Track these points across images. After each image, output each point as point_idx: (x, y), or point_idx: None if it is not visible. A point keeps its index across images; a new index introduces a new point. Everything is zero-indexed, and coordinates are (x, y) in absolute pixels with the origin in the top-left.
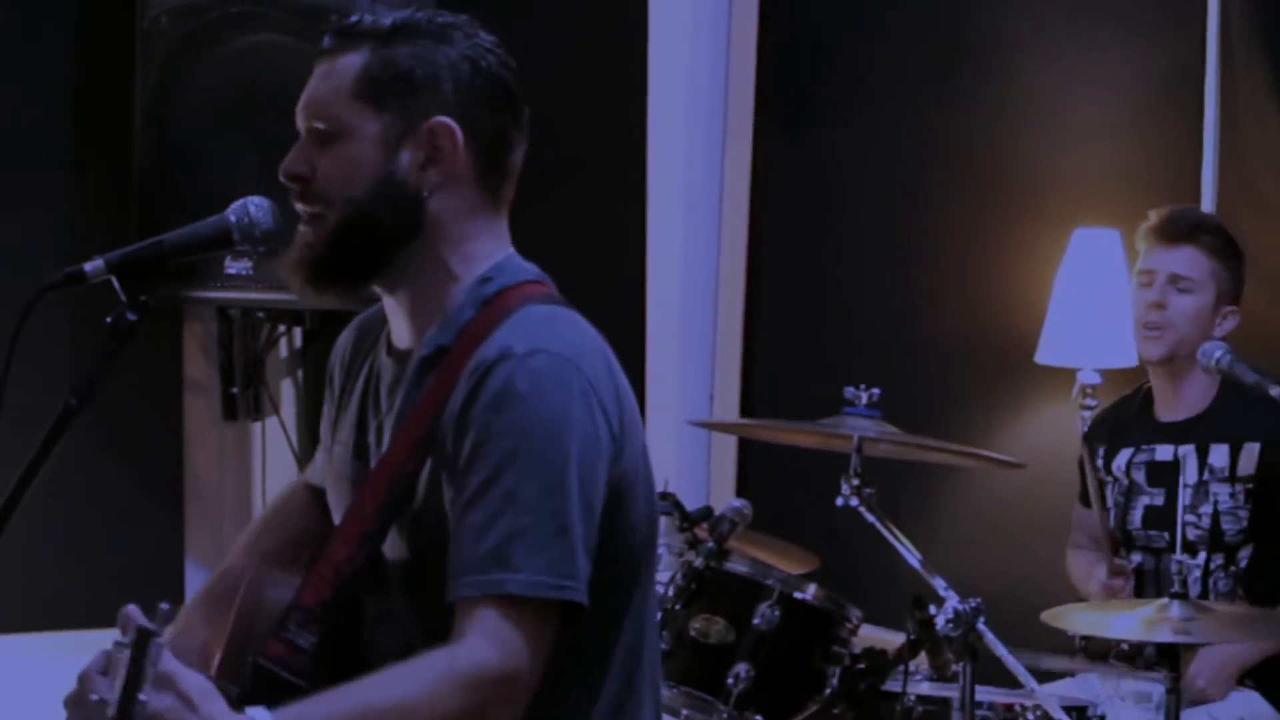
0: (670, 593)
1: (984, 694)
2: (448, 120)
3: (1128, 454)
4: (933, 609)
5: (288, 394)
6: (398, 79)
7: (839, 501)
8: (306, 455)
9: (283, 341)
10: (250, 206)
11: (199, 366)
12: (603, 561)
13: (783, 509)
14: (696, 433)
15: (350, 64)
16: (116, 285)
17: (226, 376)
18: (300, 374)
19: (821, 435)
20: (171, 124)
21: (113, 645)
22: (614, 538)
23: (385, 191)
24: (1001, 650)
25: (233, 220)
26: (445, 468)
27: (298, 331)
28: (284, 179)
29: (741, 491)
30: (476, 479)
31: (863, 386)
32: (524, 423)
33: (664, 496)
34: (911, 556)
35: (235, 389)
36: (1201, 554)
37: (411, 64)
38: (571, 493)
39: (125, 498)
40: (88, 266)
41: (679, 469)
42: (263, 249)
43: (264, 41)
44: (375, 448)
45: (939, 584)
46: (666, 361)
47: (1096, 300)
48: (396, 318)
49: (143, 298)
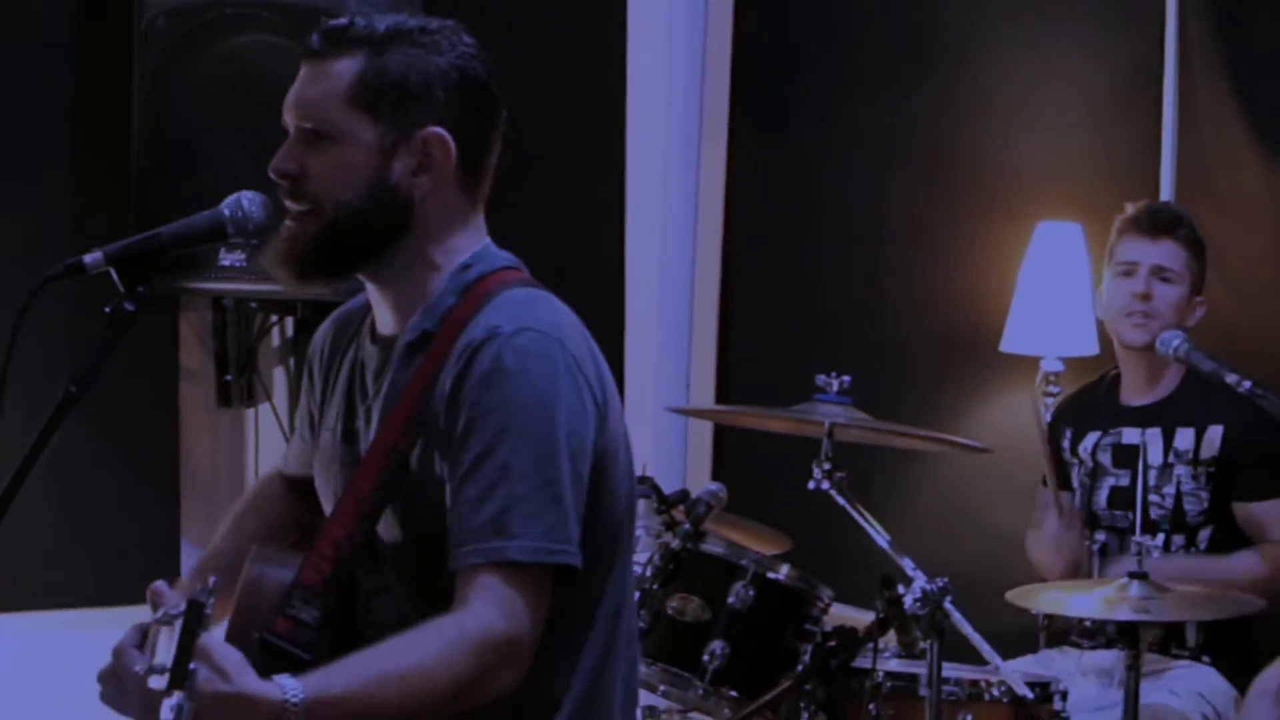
0: (648, 572)
1: (950, 670)
2: (440, 131)
3: (1095, 437)
4: (901, 588)
5: (280, 381)
6: (392, 88)
7: (811, 485)
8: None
9: (275, 331)
10: (243, 200)
11: (194, 355)
12: (588, 529)
13: (757, 492)
14: (673, 419)
15: (345, 70)
16: (115, 276)
17: (221, 364)
18: (292, 362)
19: (794, 421)
20: (168, 121)
21: (153, 621)
22: (598, 506)
23: (377, 196)
24: (967, 628)
25: (226, 214)
26: (437, 445)
27: (289, 321)
28: (274, 176)
29: (717, 475)
30: (471, 454)
31: (833, 374)
32: (514, 398)
33: (642, 480)
34: (880, 538)
35: (229, 376)
36: (1161, 534)
37: (405, 73)
38: (562, 462)
39: (123, 481)
40: (87, 258)
41: (657, 454)
42: (255, 241)
43: (256, 42)
44: (364, 431)
45: (907, 564)
46: (644, 351)
47: (1059, 291)
48: (380, 307)
49: (140, 288)
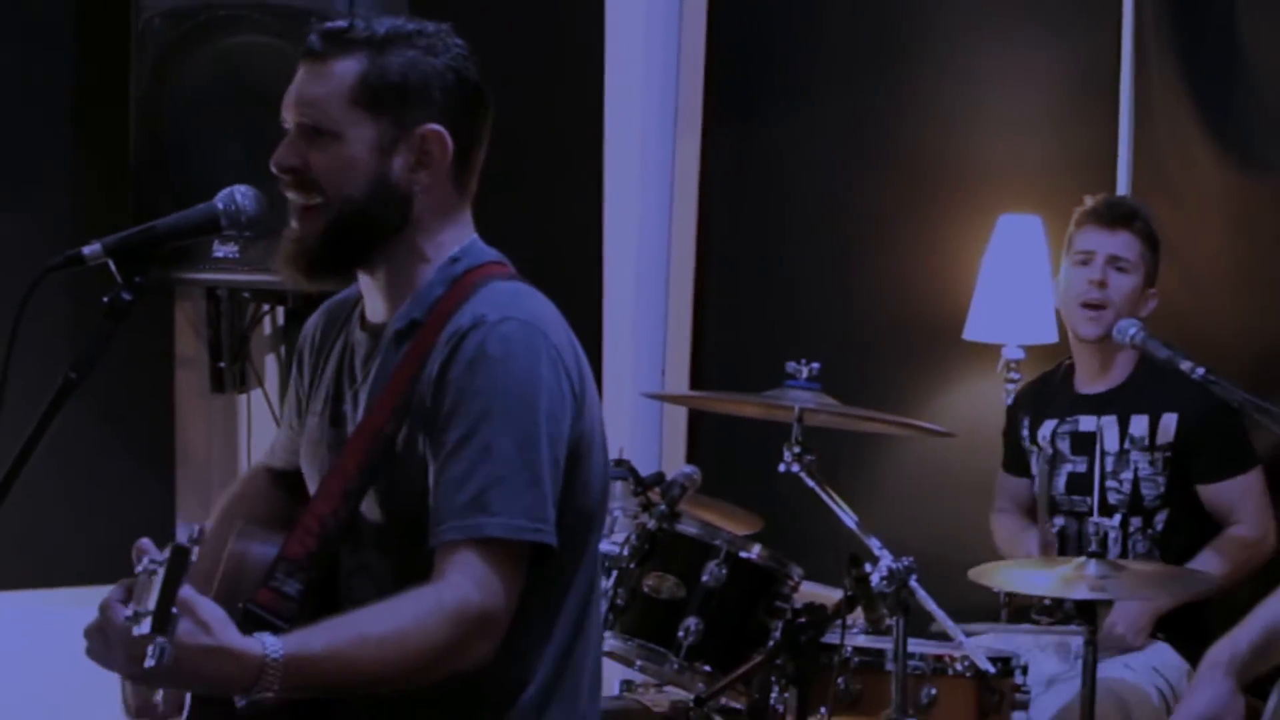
0: (625, 552)
1: (916, 646)
2: (439, 128)
3: (1052, 425)
4: (868, 567)
5: (271, 368)
6: (393, 88)
7: (781, 468)
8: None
9: (266, 320)
10: (237, 194)
11: (189, 343)
12: (564, 511)
13: (729, 474)
14: (649, 404)
15: (347, 70)
16: (113, 267)
17: (214, 352)
18: (283, 350)
19: (765, 406)
20: (164, 118)
21: (139, 572)
22: (574, 490)
23: (379, 191)
24: (932, 605)
25: (220, 207)
26: (422, 427)
27: (280, 310)
28: (276, 171)
29: (691, 458)
30: (455, 435)
31: (803, 361)
32: (497, 383)
33: (619, 463)
34: (848, 518)
35: (222, 364)
36: (1118, 516)
37: (405, 73)
38: (541, 446)
39: (121, 464)
40: (86, 250)
41: (633, 438)
42: (248, 234)
43: (249, 42)
44: (351, 414)
45: (874, 544)
46: (621, 338)
47: (1020, 281)
48: (372, 295)
49: (137, 279)
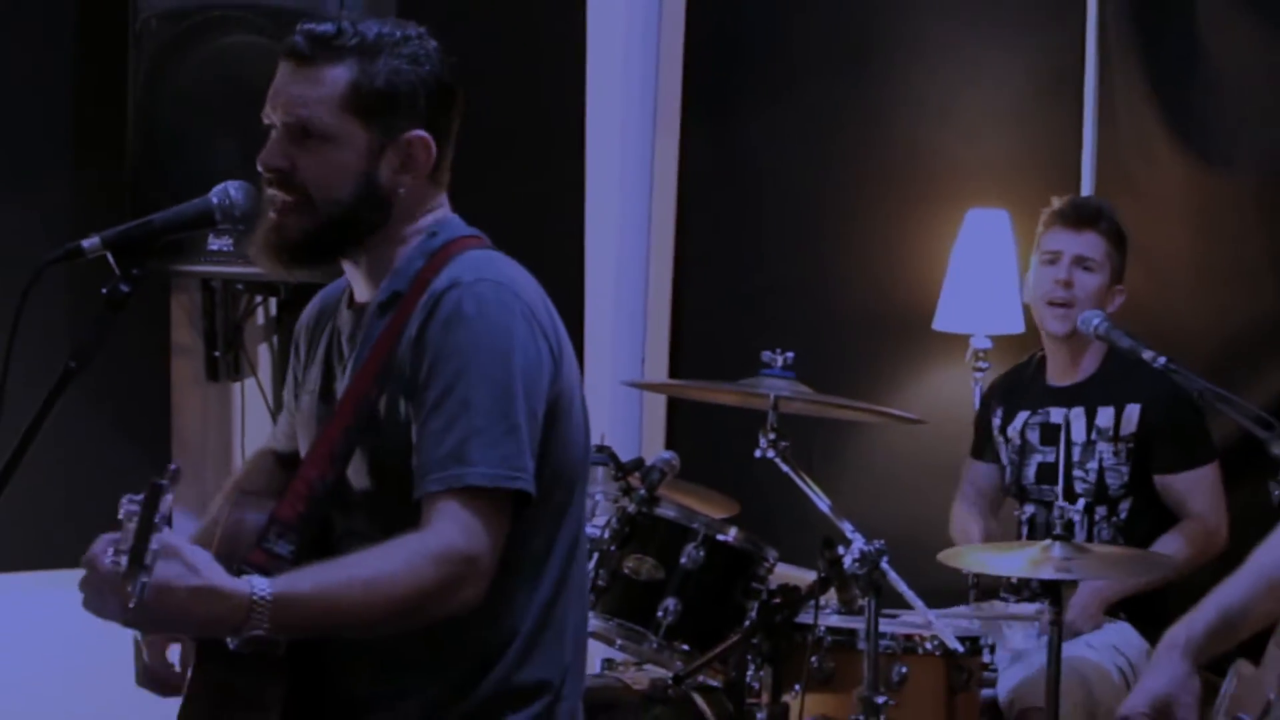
0: (606, 535)
1: (887, 625)
2: (425, 134)
3: (1024, 416)
4: (841, 549)
5: (264, 357)
6: (382, 96)
7: (757, 453)
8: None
9: (260, 310)
10: (230, 189)
11: (185, 333)
12: (547, 467)
13: (707, 460)
14: (629, 392)
15: (338, 77)
16: (111, 260)
17: (209, 342)
18: (275, 339)
19: (741, 394)
20: (160, 116)
21: (121, 518)
22: (556, 446)
23: (365, 193)
24: (902, 586)
25: (215, 202)
26: (404, 389)
27: (273, 301)
28: (262, 170)
29: (670, 444)
30: (434, 392)
31: (778, 350)
32: (473, 340)
33: (600, 449)
34: (822, 502)
35: (217, 353)
36: (1081, 502)
37: (394, 81)
38: (518, 399)
39: (119, 449)
40: (85, 243)
41: (614, 424)
42: (241, 227)
43: (242, 42)
44: (340, 389)
45: (846, 527)
46: (602, 328)
47: (988, 273)
48: (355, 278)
49: (134, 271)
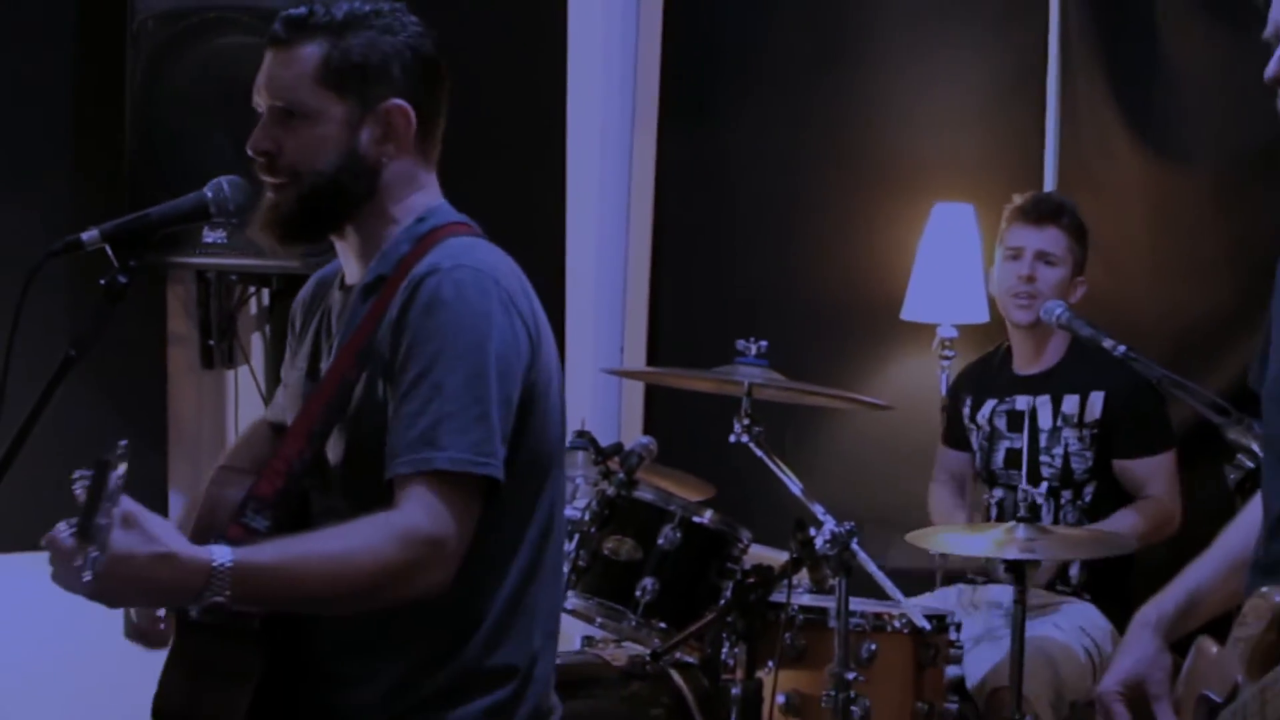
0: (586, 517)
1: (857, 604)
2: (402, 103)
3: (992, 404)
4: (812, 531)
5: (257, 346)
6: (355, 68)
7: (732, 438)
8: (273, 398)
9: (252, 300)
10: (224, 184)
11: (180, 322)
12: (521, 453)
13: (684, 445)
14: (609, 379)
15: (311, 54)
16: (109, 252)
17: (204, 331)
18: (268, 328)
19: (716, 381)
20: (157, 114)
21: (76, 492)
22: (531, 430)
23: (349, 164)
24: (872, 567)
25: (209, 196)
26: (383, 371)
27: (265, 292)
28: (252, 153)
29: (648, 430)
30: (410, 375)
31: (752, 339)
32: (449, 325)
33: (580, 434)
34: (794, 485)
35: (212, 341)
36: (1045, 486)
37: (366, 54)
38: (491, 385)
39: (117, 434)
40: (84, 236)
41: (594, 411)
42: (235, 220)
43: (236, 42)
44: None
45: (818, 509)
46: (583, 318)
47: (953, 265)
48: (347, 259)
49: (132, 263)
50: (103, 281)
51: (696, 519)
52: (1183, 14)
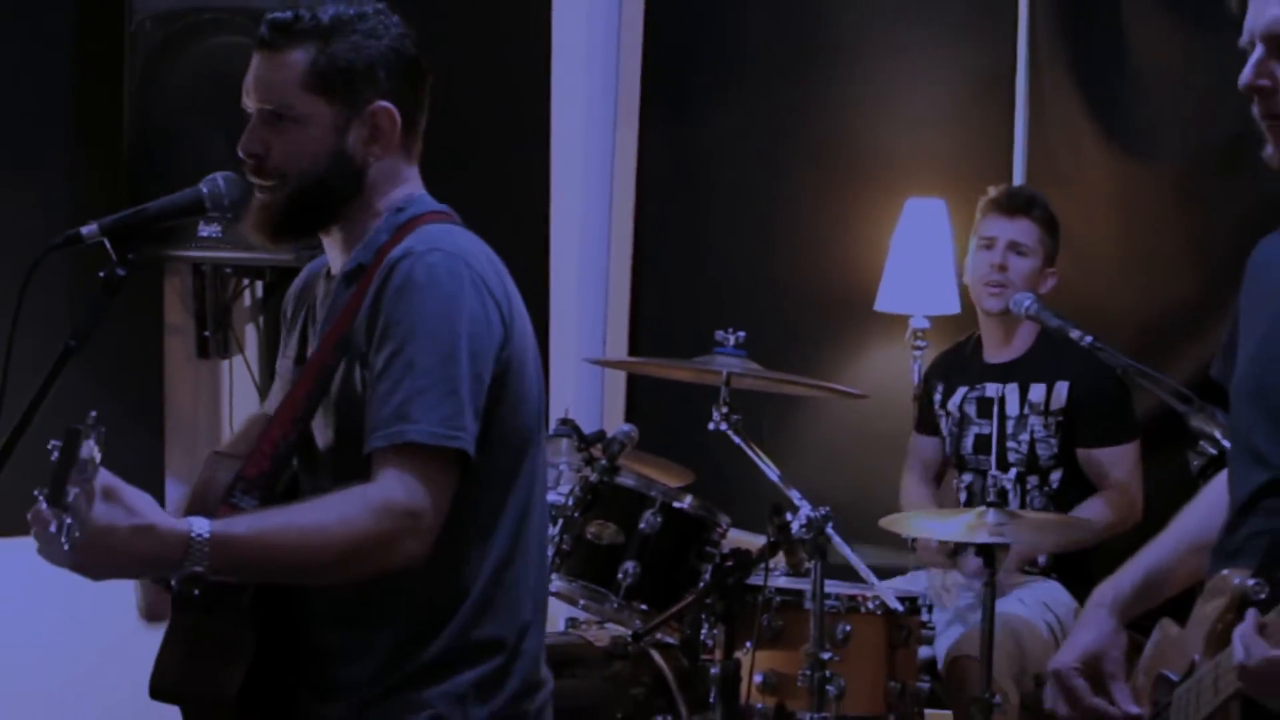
0: (569, 502)
1: (832, 587)
2: (387, 104)
3: (963, 391)
4: (789, 516)
5: (250, 336)
6: (341, 72)
7: (710, 426)
8: (266, 386)
9: (246, 293)
10: (219, 180)
11: (177, 313)
12: (496, 430)
13: (664, 432)
14: (592, 369)
15: (298, 60)
16: (108, 246)
17: (200, 322)
18: (261, 319)
19: (696, 371)
20: (154, 112)
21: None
22: (506, 409)
23: (336, 165)
24: (846, 550)
25: (205, 191)
26: (361, 355)
27: (259, 284)
28: (242, 155)
29: (629, 418)
30: (384, 354)
31: (730, 330)
32: (422, 306)
33: (564, 422)
34: (771, 472)
35: (207, 332)
36: (1013, 471)
37: (351, 58)
38: (462, 362)
39: (115, 422)
40: (84, 230)
41: (577, 399)
42: (229, 215)
43: (230, 42)
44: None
45: (794, 495)
46: (566, 309)
47: (925, 258)
48: (332, 251)
49: (130, 256)
50: (102, 274)
51: (676, 504)
52: (1148, 16)
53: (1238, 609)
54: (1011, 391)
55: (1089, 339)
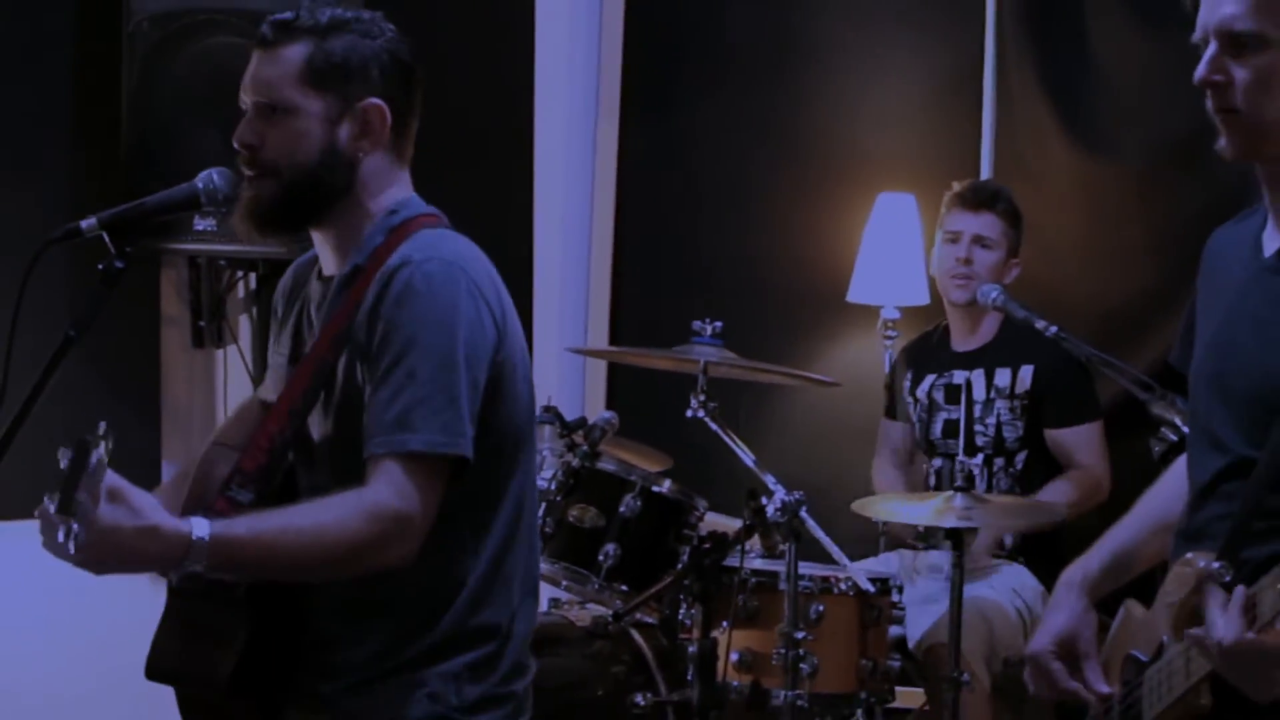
0: (552, 486)
1: (805, 568)
2: (378, 102)
3: (931, 379)
4: (764, 500)
5: (244, 327)
6: (336, 68)
7: (688, 413)
8: (260, 376)
9: (240, 284)
10: (214, 175)
11: (173, 305)
12: (491, 431)
13: (644, 419)
14: (574, 358)
15: (295, 55)
16: (107, 239)
17: (195, 313)
18: (255, 310)
19: (674, 360)
20: (151, 109)
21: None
22: (501, 410)
23: (327, 159)
24: (819, 533)
25: (200, 186)
26: (360, 355)
27: (253, 276)
28: (238, 146)
29: (610, 405)
30: (385, 362)
31: (708, 320)
32: (421, 315)
33: (547, 409)
34: (747, 457)
35: (202, 323)
36: (980, 456)
37: (346, 55)
38: (460, 370)
39: (113, 410)
40: (83, 224)
41: (559, 387)
42: (224, 209)
43: (225, 43)
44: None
45: (769, 479)
46: (549, 301)
47: (896, 251)
48: (324, 251)
49: (128, 249)
50: (100, 266)
51: (655, 488)
52: (1110, 17)
53: (1203, 591)
54: (978, 377)
55: (1054, 329)
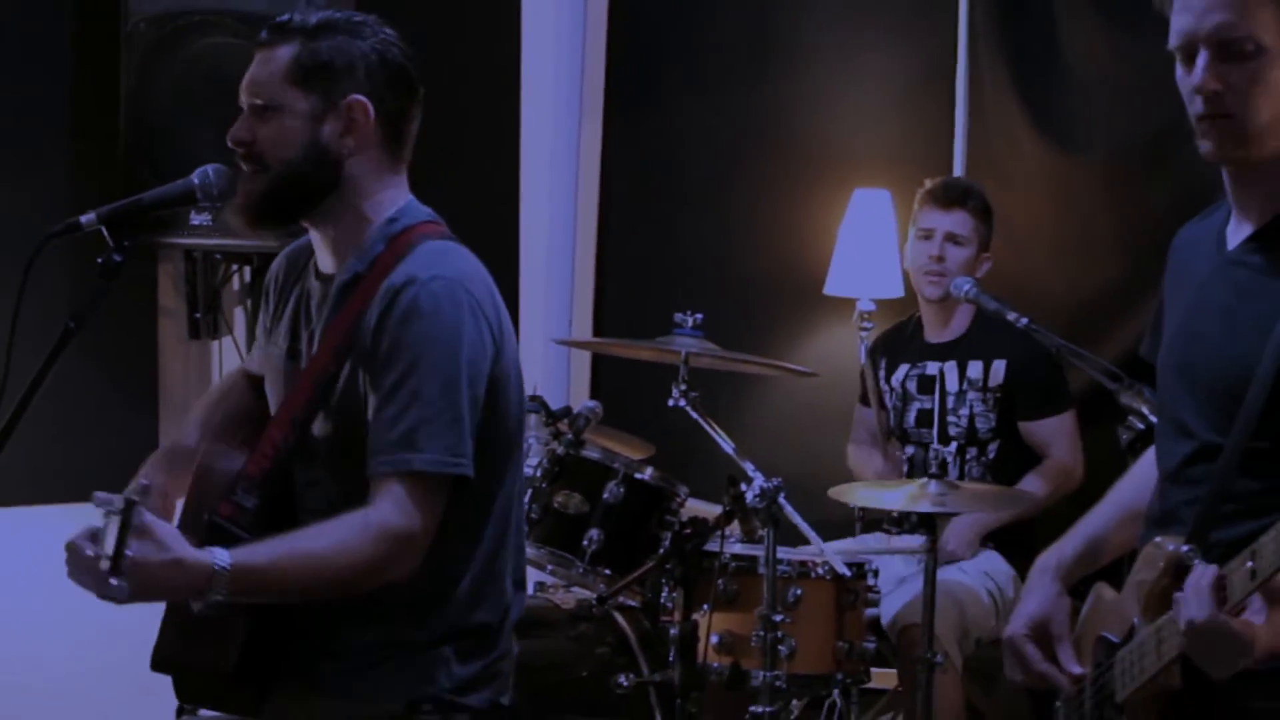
0: (538, 473)
1: (784, 553)
2: (362, 98)
3: (905, 369)
4: (743, 486)
5: (239, 318)
6: (322, 66)
7: (670, 402)
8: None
9: (235, 277)
10: (210, 171)
11: (170, 297)
12: (485, 439)
13: (627, 408)
14: (559, 349)
15: (283, 54)
16: (105, 233)
17: (191, 305)
18: (249, 302)
19: (656, 350)
20: (149, 107)
21: (103, 517)
22: (493, 421)
23: (312, 154)
24: (797, 518)
25: (196, 182)
26: (362, 366)
27: (247, 269)
28: (231, 143)
29: (594, 394)
30: (390, 379)
31: (689, 312)
32: (426, 335)
33: (533, 399)
34: (727, 445)
35: (198, 315)
36: (954, 445)
37: (332, 54)
38: (462, 390)
39: (111, 400)
40: (83, 219)
41: (545, 377)
42: (219, 204)
43: (221, 43)
44: (305, 352)
45: (748, 466)
46: (535, 293)
47: (871, 245)
48: (321, 249)
49: (126, 243)
50: (99, 260)
51: (638, 475)
52: (1079, 17)
53: (1173, 574)
54: (951, 369)
55: (1024, 321)
